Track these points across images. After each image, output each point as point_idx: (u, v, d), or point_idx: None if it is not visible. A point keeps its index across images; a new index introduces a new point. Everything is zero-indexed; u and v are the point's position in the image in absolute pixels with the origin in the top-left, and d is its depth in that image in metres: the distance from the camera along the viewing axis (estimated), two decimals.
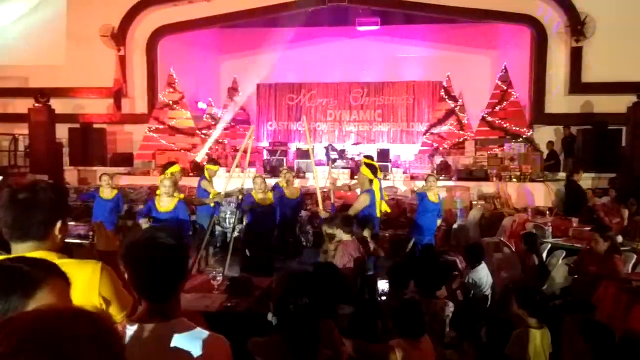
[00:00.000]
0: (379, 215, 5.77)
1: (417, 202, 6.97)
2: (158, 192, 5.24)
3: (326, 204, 6.54)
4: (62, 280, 1.16)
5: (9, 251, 1.71)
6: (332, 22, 14.82)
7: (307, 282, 2.25)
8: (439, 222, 6.81)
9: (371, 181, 5.66)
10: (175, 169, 6.11)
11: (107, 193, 6.92)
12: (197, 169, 11.33)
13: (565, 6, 12.21)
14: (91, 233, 6.24)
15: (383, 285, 4.66)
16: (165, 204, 5.11)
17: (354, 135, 15.32)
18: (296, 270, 5.25)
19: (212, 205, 6.81)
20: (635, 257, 5.26)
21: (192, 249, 6.36)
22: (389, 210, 6.69)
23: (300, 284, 2.16)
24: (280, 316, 2.09)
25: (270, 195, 6.31)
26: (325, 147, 12.33)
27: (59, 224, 1.76)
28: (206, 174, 7.39)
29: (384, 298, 4.52)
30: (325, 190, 7.18)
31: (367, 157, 7.82)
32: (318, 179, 6.87)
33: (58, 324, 0.82)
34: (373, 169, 5.78)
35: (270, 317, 2.58)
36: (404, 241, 7.30)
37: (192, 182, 9.77)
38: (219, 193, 6.62)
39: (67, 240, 1.86)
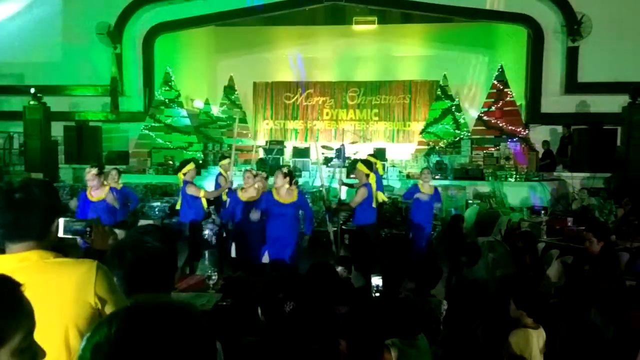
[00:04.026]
0: (374, 205, 6.17)
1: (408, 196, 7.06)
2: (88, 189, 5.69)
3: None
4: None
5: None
6: (329, 20, 14.80)
7: (299, 282, 2.23)
8: (437, 206, 6.97)
9: (367, 175, 6.07)
10: (190, 166, 6.34)
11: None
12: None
13: (562, 6, 12.25)
14: (88, 228, 6.25)
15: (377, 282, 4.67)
16: (98, 193, 5.61)
17: (351, 134, 15.31)
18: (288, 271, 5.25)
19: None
20: (629, 256, 5.29)
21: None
22: (385, 199, 6.99)
23: (291, 285, 2.15)
24: (269, 318, 2.08)
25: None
26: (338, 149, 12.29)
27: (55, 222, 1.75)
28: (221, 170, 7.78)
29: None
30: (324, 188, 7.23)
31: (370, 155, 8.14)
32: (323, 177, 7.11)
33: None
34: (368, 164, 6.28)
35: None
36: (400, 239, 7.32)
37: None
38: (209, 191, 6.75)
39: (63, 236, 1.85)
